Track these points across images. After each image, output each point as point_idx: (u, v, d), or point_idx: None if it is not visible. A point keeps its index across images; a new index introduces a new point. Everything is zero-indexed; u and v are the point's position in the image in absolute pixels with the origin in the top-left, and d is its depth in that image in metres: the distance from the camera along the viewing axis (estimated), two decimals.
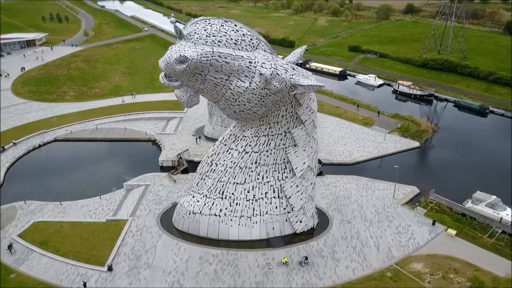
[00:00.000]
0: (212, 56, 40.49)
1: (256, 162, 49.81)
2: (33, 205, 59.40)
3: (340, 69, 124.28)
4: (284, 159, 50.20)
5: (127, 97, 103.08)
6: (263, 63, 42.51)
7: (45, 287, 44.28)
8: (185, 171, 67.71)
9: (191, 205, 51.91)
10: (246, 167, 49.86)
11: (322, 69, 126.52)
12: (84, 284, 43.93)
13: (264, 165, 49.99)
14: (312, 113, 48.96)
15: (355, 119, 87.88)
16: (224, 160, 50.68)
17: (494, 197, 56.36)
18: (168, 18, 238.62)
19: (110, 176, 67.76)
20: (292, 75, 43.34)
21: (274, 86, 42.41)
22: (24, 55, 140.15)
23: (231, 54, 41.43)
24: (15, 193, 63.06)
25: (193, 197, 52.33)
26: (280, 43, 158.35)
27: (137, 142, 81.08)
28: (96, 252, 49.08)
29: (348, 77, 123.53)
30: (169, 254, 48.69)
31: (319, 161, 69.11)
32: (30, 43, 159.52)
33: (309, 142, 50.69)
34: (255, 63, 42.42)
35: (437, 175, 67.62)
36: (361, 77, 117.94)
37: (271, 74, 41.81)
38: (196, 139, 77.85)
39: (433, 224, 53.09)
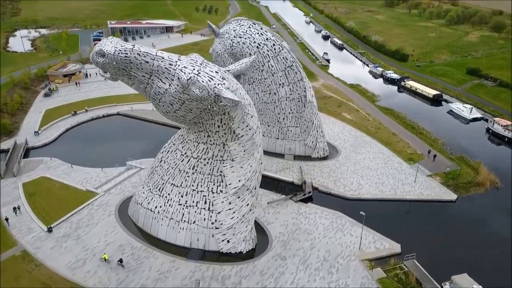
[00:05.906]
0: (131, 53, 41.14)
1: (193, 168, 48.66)
2: (54, 163, 70.10)
3: (435, 92, 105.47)
4: (221, 172, 47.58)
5: None
6: (184, 67, 41.23)
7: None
8: None
9: (138, 195, 53.96)
10: (184, 171, 49.20)
11: (416, 89, 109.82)
12: None
13: (200, 173, 48.39)
14: (249, 129, 45.16)
15: (401, 151, 74.83)
16: (170, 159, 51.01)
17: (480, 287, 41.86)
18: (305, 17, 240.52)
19: (129, 153, 73.87)
20: (217, 85, 40.74)
21: (194, 92, 40.62)
22: (152, 43, 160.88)
23: (150, 53, 41.46)
24: (54, 150, 75.36)
25: (143, 187, 54.16)
26: (393, 55, 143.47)
27: (178, 129, 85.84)
28: (55, 214, 55.66)
29: (443, 103, 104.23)
30: (101, 233, 51.92)
31: (312, 186, 62.40)
32: (169, 29, 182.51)
33: (248, 160, 46.90)
34: (175, 65, 41.44)
35: (445, 241, 53.06)
36: (454, 105, 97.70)
37: (187, 80, 40.24)
38: None
39: None
